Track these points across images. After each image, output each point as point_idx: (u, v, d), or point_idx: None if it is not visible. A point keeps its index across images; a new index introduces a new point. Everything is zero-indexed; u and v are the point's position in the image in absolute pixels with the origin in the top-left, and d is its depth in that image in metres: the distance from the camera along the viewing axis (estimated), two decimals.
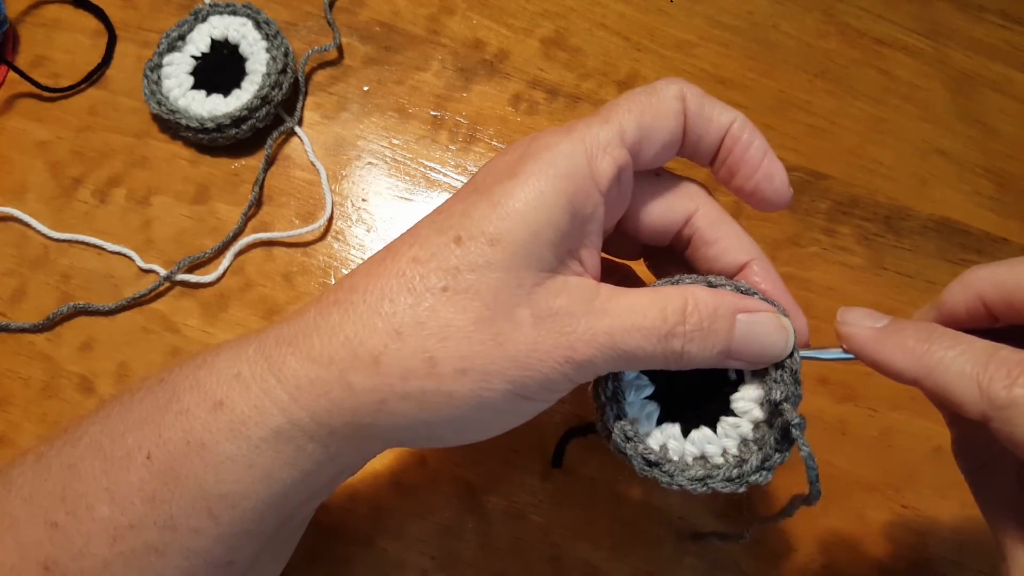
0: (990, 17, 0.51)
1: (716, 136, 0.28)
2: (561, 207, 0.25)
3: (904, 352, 0.25)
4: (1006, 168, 0.48)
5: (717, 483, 0.27)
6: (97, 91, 0.45)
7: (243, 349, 0.26)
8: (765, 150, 0.28)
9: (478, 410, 0.25)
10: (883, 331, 0.26)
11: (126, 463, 0.25)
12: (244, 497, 0.25)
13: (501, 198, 0.25)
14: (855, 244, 0.45)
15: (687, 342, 0.25)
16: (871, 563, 0.39)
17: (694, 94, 0.27)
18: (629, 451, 0.27)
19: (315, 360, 0.24)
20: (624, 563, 0.38)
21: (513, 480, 0.39)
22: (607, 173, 0.26)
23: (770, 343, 0.27)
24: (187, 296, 0.41)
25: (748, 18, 0.50)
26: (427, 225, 0.26)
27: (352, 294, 0.25)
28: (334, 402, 0.24)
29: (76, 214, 0.43)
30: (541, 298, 0.25)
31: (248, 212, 0.43)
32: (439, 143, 0.45)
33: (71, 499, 0.25)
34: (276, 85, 0.43)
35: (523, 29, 0.48)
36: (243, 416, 0.25)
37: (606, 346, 0.25)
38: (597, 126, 0.26)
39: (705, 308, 0.26)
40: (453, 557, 0.37)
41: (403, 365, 0.24)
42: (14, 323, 0.40)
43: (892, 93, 0.49)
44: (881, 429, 0.41)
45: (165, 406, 0.26)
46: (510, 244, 0.24)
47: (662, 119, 0.27)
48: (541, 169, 0.25)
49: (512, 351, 0.24)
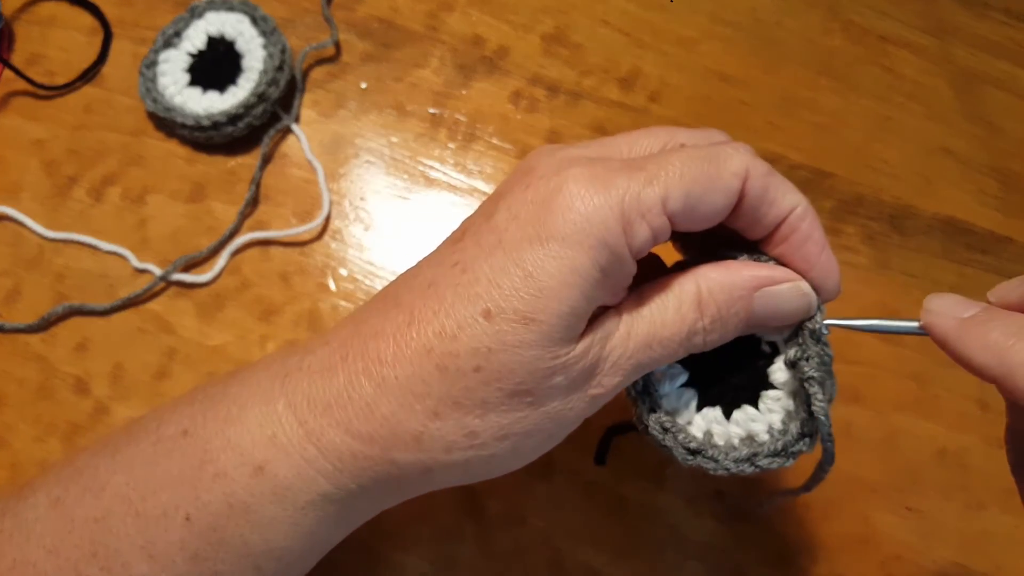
0: (995, 15, 0.51)
1: (772, 221, 0.26)
2: (596, 280, 0.24)
3: (987, 348, 0.23)
4: (1011, 167, 0.47)
5: (763, 460, 0.27)
6: (92, 89, 0.45)
7: (272, 405, 0.25)
8: (823, 245, 0.26)
9: (515, 459, 0.26)
10: (968, 322, 0.24)
11: (163, 523, 0.25)
12: (289, 551, 0.25)
13: (533, 270, 0.23)
14: (860, 243, 0.45)
15: (708, 334, 0.25)
16: (875, 565, 0.39)
17: (759, 173, 0.25)
18: (669, 443, 0.27)
19: (355, 436, 0.24)
20: (626, 567, 0.37)
21: (513, 483, 0.38)
22: (641, 238, 0.24)
23: (791, 310, 0.26)
24: (183, 296, 0.41)
25: (751, 15, 0.49)
26: (451, 289, 0.24)
27: (381, 367, 0.24)
28: (379, 474, 0.25)
29: (71, 213, 0.42)
30: (574, 362, 0.24)
31: (244, 211, 0.42)
32: (438, 141, 0.45)
33: (103, 555, 0.25)
34: (273, 82, 0.43)
35: (523, 25, 0.48)
36: (287, 483, 0.25)
37: (631, 370, 0.25)
38: (639, 185, 0.23)
39: (720, 294, 0.25)
40: (452, 561, 0.37)
41: (445, 440, 0.24)
42: (9, 323, 0.40)
43: (897, 91, 0.48)
44: (886, 431, 0.41)
45: (199, 467, 0.25)
46: (545, 323, 0.23)
47: (714, 193, 0.24)
48: (574, 238, 0.23)
49: (548, 409, 0.25)
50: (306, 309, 0.41)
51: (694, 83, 0.47)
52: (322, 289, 0.41)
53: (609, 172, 0.24)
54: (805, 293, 0.26)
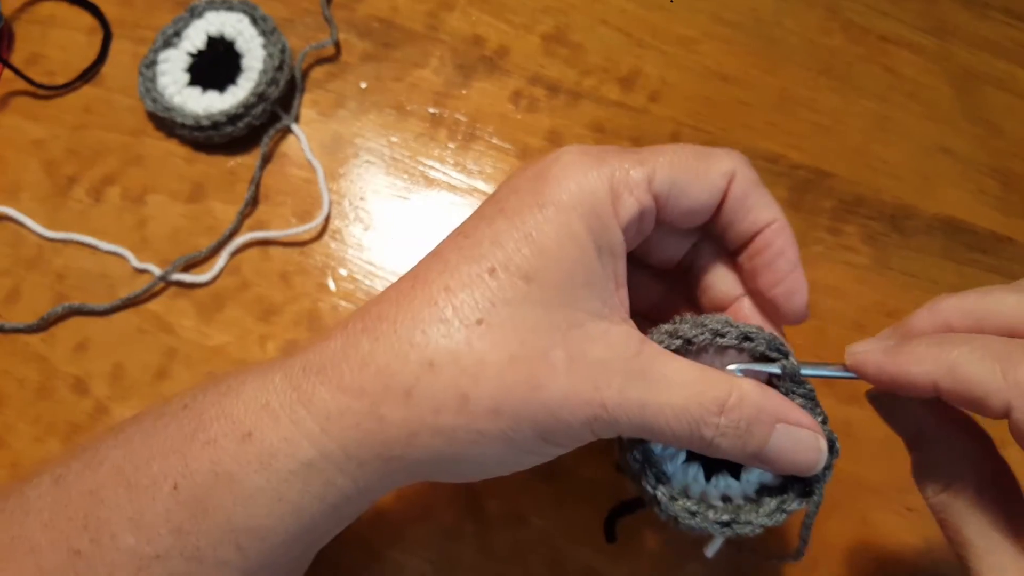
0: (995, 14, 0.51)
1: (748, 229, 0.27)
2: (591, 247, 0.24)
3: (919, 359, 0.24)
4: (1011, 167, 0.47)
5: (793, 504, 0.27)
6: (92, 89, 0.45)
7: (270, 377, 0.25)
8: (795, 264, 0.27)
9: (505, 451, 0.24)
10: (893, 348, 0.26)
11: (152, 492, 0.25)
12: (272, 531, 0.25)
13: (533, 231, 0.24)
14: (860, 243, 0.45)
15: (719, 435, 0.24)
16: (875, 566, 0.39)
17: (745, 178, 0.26)
18: (704, 525, 0.27)
19: (346, 391, 0.24)
20: (626, 567, 0.37)
21: (513, 483, 0.38)
22: (629, 212, 0.25)
23: (801, 461, 0.26)
24: (182, 296, 0.41)
25: (751, 14, 0.49)
26: (455, 252, 0.25)
27: (381, 322, 0.24)
28: (365, 434, 0.24)
29: (71, 213, 0.42)
30: (576, 342, 0.24)
31: (244, 211, 0.42)
32: (438, 141, 0.45)
33: (94, 527, 0.25)
34: (273, 82, 0.43)
35: (523, 25, 0.48)
36: (273, 448, 0.24)
37: (635, 416, 0.24)
38: (630, 163, 0.25)
39: (748, 408, 0.25)
40: (453, 561, 0.37)
41: (435, 399, 0.24)
42: (8, 323, 0.40)
43: (897, 91, 0.48)
44: (886, 431, 0.40)
45: (191, 435, 0.25)
46: (545, 282, 0.24)
47: (698, 187, 0.26)
48: (569, 202, 0.24)
49: (544, 396, 0.24)
50: (306, 309, 0.41)
51: (694, 83, 0.47)
52: (322, 289, 0.41)
53: (603, 152, 0.26)
54: (820, 449, 0.26)
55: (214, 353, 0.40)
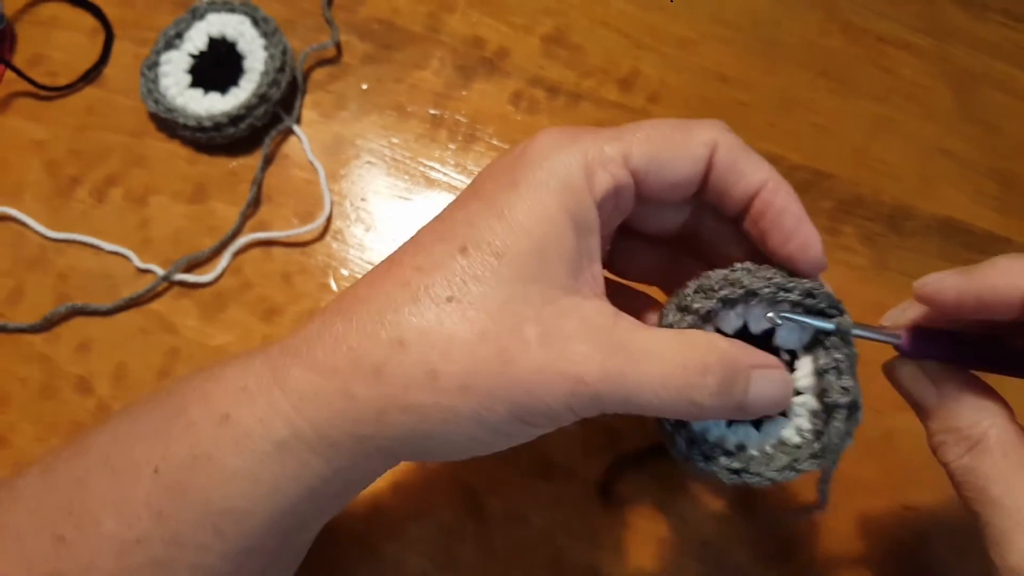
0: (993, 16, 0.51)
1: (744, 194, 0.26)
2: (564, 223, 0.24)
3: (1003, 271, 0.25)
4: (1010, 167, 0.47)
5: (804, 464, 0.27)
6: (94, 90, 0.45)
7: (250, 361, 0.26)
8: (800, 217, 0.26)
9: (478, 429, 0.24)
10: (966, 270, 0.26)
11: (134, 477, 0.25)
12: (250, 514, 0.25)
13: (505, 209, 0.24)
14: (858, 244, 0.45)
15: (708, 396, 0.24)
16: (872, 564, 0.39)
17: (728, 145, 0.26)
18: (713, 468, 0.27)
19: (318, 370, 0.24)
20: (626, 566, 0.38)
21: (514, 481, 0.38)
22: (602, 186, 0.25)
23: (776, 398, 0.26)
24: (185, 296, 0.41)
25: (750, 16, 0.49)
26: (429, 233, 0.26)
27: (355, 304, 0.25)
28: (336, 412, 0.24)
29: (73, 213, 0.42)
30: (550, 317, 0.24)
31: (246, 211, 0.42)
32: (438, 142, 0.45)
33: (78, 513, 0.25)
34: (274, 83, 0.43)
35: (523, 27, 0.48)
36: (248, 429, 0.24)
37: (618, 387, 0.24)
38: (604, 141, 0.25)
39: (729, 362, 0.25)
40: (453, 559, 0.37)
41: (405, 376, 0.23)
42: (11, 323, 0.40)
43: (895, 92, 0.48)
44: (883, 430, 0.41)
45: (172, 419, 0.25)
46: (516, 257, 0.24)
47: (678, 160, 0.26)
48: (542, 180, 0.24)
49: (516, 372, 0.23)
50: (307, 309, 0.41)
51: (693, 84, 0.47)
52: (323, 289, 0.42)
53: (579, 131, 0.26)
54: (787, 382, 0.27)
55: (216, 353, 0.40)
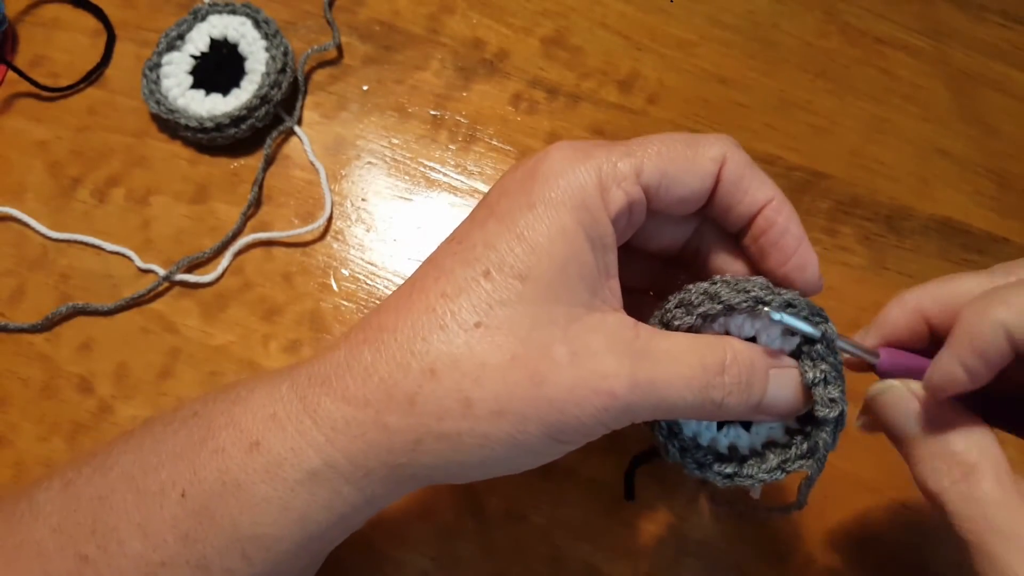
0: (991, 17, 0.51)
1: (747, 211, 0.27)
2: (582, 241, 0.24)
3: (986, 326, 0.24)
4: (1007, 168, 0.48)
5: (794, 464, 0.28)
6: (96, 91, 0.45)
7: (277, 387, 0.26)
8: (800, 238, 0.27)
9: (512, 451, 0.24)
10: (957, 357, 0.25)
11: (159, 499, 0.25)
12: (278, 540, 0.25)
13: (525, 231, 0.24)
14: (856, 244, 0.45)
15: (726, 395, 0.25)
16: (872, 564, 0.39)
17: (736, 162, 0.26)
18: (709, 476, 0.28)
19: (350, 401, 0.24)
20: (625, 564, 0.38)
21: (513, 481, 0.38)
22: (617, 203, 0.25)
23: (793, 398, 0.27)
24: (186, 296, 0.41)
25: (749, 17, 0.50)
26: (449, 257, 0.25)
27: (382, 332, 0.25)
28: (370, 443, 0.24)
29: (75, 214, 0.42)
30: (577, 335, 0.24)
31: (247, 212, 0.43)
32: (439, 143, 0.45)
33: (101, 532, 0.25)
34: (275, 84, 0.43)
35: (523, 28, 0.48)
36: (279, 458, 0.24)
37: (648, 395, 0.24)
38: (617, 157, 0.25)
39: (744, 362, 0.25)
40: (453, 558, 0.37)
41: (439, 405, 0.24)
42: (13, 323, 0.40)
43: (893, 93, 0.49)
44: None
45: (200, 443, 0.25)
46: (539, 279, 0.24)
47: (689, 175, 0.26)
48: (558, 199, 0.24)
49: (549, 392, 0.24)
50: (308, 309, 0.41)
51: (692, 85, 0.48)
52: (324, 289, 0.42)
53: (591, 147, 0.26)
54: (802, 383, 0.27)
55: (217, 352, 0.40)
